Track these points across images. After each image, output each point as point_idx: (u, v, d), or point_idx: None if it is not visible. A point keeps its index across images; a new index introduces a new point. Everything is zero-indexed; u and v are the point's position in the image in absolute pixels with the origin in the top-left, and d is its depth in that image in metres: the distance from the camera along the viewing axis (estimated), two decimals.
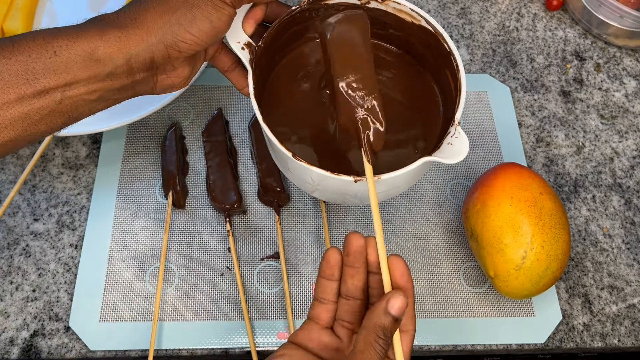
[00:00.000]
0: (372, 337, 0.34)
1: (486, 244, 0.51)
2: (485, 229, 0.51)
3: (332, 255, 0.39)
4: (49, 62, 0.35)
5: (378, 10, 0.48)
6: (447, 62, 0.47)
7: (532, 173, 0.53)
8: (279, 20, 0.46)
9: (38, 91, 0.35)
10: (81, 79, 0.37)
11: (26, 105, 0.35)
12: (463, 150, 0.41)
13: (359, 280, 0.39)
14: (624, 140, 0.67)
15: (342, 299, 0.39)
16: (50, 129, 0.38)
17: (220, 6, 0.39)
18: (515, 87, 0.70)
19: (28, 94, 0.35)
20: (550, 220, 0.50)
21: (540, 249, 0.49)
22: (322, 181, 0.42)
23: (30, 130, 0.37)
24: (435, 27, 0.47)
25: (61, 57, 0.36)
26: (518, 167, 0.53)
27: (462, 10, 0.77)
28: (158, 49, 0.38)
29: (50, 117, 0.37)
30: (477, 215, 0.52)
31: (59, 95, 0.36)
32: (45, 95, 0.36)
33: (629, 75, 0.72)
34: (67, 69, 0.36)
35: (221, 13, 0.39)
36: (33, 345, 0.52)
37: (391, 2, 0.47)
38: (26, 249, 0.56)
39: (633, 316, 0.56)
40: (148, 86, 0.41)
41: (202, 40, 0.39)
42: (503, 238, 0.50)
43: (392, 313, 0.34)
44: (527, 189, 0.51)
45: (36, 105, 0.36)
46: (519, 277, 0.50)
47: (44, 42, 0.36)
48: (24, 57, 0.35)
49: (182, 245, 0.57)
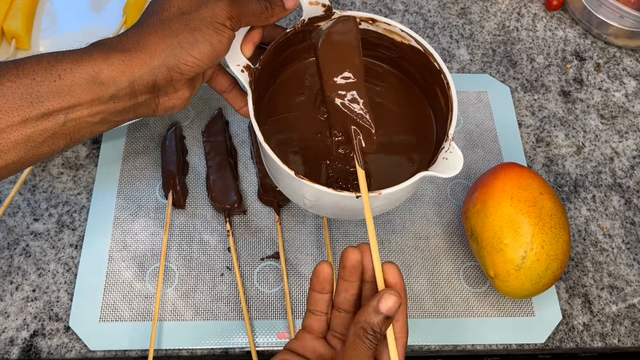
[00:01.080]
0: (361, 333, 0.35)
1: (486, 243, 0.51)
2: (485, 229, 0.51)
3: (322, 271, 0.39)
4: (54, 85, 0.36)
5: (369, 31, 0.49)
6: (437, 80, 0.48)
7: (532, 173, 0.53)
8: (275, 42, 0.47)
9: (42, 114, 0.36)
10: (84, 102, 0.37)
11: (30, 128, 0.36)
12: (458, 164, 0.42)
13: (352, 294, 0.39)
14: (624, 140, 0.67)
15: (335, 311, 0.40)
16: (52, 151, 0.38)
17: (220, 29, 0.40)
18: (515, 87, 0.70)
19: (32, 117, 0.36)
20: (550, 220, 0.50)
21: (540, 249, 0.49)
22: (321, 197, 0.43)
23: (32, 153, 0.37)
24: (424, 46, 0.48)
25: (65, 80, 0.36)
26: (518, 167, 0.53)
27: (462, 10, 0.77)
28: (161, 71, 0.39)
29: (52, 139, 0.37)
30: (477, 215, 0.52)
31: (62, 117, 0.37)
32: (48, 118, 0.36)
33: (629, 75, 0.72)
34: (71, 92, 0.37)
35: (222, 36, 0.40)
36: (33, 345, 0.52)
37: (382, 23, 0.49)
38: (26, 249, 0.56)
39: (633, 316, 0.56)
40: (150, 108, 0.42)
41: (203, 63, 0.40)
42: (503, 238, 0.50)
43: (383, 311, 0.35)
44: (527, 189, 0.51)
45: (39, 127, 0.36)
46: (519, 277, 0.50)
47: (49, 65, 0.36)
48: (29, 81, 0.36)
49: (182, 245, 0.57)
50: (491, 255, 0.51)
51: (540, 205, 0.50)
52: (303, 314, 0.54)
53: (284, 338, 0.53)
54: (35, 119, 0.36)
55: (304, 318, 0.41)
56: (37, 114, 0.36)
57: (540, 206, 0.50)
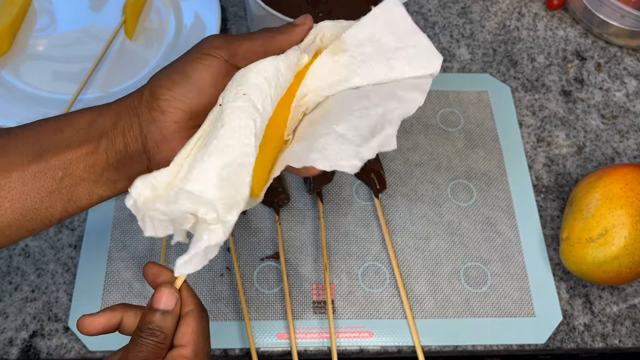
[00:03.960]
0: (137, 333, 0.35)
1: (577, 208, 0.53)
2: (585, 196, 0.53)
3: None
4: (55, 139, 0.37)
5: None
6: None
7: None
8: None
9: (41, 168, 0.36)
10: (80, 154, 0.37)
11: (27, 184, 0.36)
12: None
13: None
14: (624, 140, 0.67)
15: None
16: (49, 217, 0.37)
17: (200, 57, 0.38)
18: (516, 86, 0.70)
19: (29, 173, 0.36)
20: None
21: (621, 237, 0.50)
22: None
23: (29, 216, 0.36)
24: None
25: (65, 133, 0.37)
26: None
27: (463, 10, 0.76)
28: (142, 112, 0.38)
29: (49, 198, 0.37)
30: (586, 185, 0.54)
31: (60, 173, 0.36)
32: (46, 174, 0.36)
33: (630, 75, 0.72)
34: (69, 145, 0.37)
35: (199, 64, 0.38)
36: (32, 345, 0.52)
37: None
38: (25, 249, 0.56)
39: (634, 316, 0.56)
40: (142, 163, 0.39)
41: (179, 95, 0.37)
42: (594, 209, 0.51)
43: (160, 307, 0.35)
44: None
45: (37, 184, 0.36)
46: (585, 249, 0.51)
47: (54, 122, 0.38)
48: (35, 135, 0.37)
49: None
50: (574, 219, 0.53)
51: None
52: (303, 315, 0.54)
53: (284, 338, 0.53)
54: (33, 175, 0.36)
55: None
56: (35, 170, 0.36)
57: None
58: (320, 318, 0.54)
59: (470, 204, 0.61)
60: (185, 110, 0.37)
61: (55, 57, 0.66)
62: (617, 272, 0.50)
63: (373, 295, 0.55)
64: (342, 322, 0.54)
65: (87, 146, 0.37)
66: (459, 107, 0.67)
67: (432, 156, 0.64)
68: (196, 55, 0.38)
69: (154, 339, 0.35)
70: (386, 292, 0.55)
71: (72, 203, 0.38)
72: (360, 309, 0.54)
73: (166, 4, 0.71)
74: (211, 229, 0.33)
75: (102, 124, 0.38)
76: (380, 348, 0.53)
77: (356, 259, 0.57)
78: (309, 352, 0.53)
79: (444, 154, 0.64)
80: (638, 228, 0.50)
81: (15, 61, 0.65)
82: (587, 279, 0.53)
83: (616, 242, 0.50)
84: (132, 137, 0.38)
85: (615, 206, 0.51)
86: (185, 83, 0.37)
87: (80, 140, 0.37)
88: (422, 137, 0.65)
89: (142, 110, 0.38)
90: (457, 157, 0.64)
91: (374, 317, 0.54)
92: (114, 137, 0.38)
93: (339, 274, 0.56)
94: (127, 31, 0.67)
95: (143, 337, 0.35)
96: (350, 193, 0.61)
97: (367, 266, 0.57)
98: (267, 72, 0.36)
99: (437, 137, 0.65)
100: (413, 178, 0.62)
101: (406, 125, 0.65)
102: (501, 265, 0.57)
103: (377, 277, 0.56)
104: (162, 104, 0.37)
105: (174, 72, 0.38)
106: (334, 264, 0.56)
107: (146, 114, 0.38)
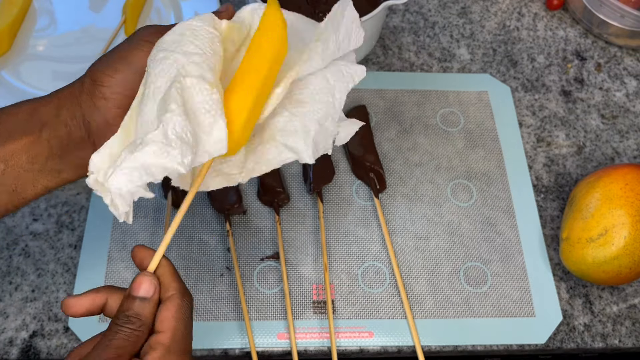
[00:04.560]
0: (114, 320, 0.35)
1: (577, 208, 0.53)
2: (585, 196, 0.53)
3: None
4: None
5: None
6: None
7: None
8: None
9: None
10: (22, 145, 0.37)
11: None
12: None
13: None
14: (624, 140, 0.67)
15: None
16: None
17: (137, 42, 0.39)
18: (516, 86, 0.70)
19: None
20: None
21: (621, 238, 0.50)
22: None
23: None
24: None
25: (6, 125, 0.37)
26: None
27: (463, 10, 0.76)
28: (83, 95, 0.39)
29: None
30: (586, 185, 0.54)
31: (2, 165, 0.37)
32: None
33: (630, 75, 0.72)
34: (10, 136, 0.37)
35: (135, 44, 0.39)
36: (32, 345, 0.52)
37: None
38: (25, 249, 0.56)
39: (634, 316, 0.56)
40: (87, 151, 0.39)
41: (126, 85, 0.39)
42: (594, 209, 0.51)
43: (139, 295, 0.35)
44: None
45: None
46: (585, 249, 0.51)
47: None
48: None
49: (182, 246, 0.57)
50: (574, 219, 0.53)
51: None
52: (303, 315, 0.54)
53: (284, 338, 0.53)
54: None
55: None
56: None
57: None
58: (320, 318, 0.54)
59: (470, 204, 0.61)
60: (127, 95, 0.39)
61: (55, 57, 0.66)
62: (617, 272, 0.50)
63: (373, 295, 0.55)
64: (342, 322, 0.54)
65: (29, 136, 0.38)
66: (459, 107, 0.67)
67: (432, 156, 0.64)
68: (135, 43, 0.39)
69: (129, 326, 0.34)
70: (386, 292, 0.55)
71: (17, 194, 0.38)
72: (360, 309, 0.54)
73: (166, 4, 0.71)
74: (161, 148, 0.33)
75: (43, 114, 0.38)
76: (380, 348, 0.53)
77: (356, 259, 0.57)
78: (309, 352, 0.53)
79: (444, 154, 0.64)
80: (638, 228, 0.50)
81: (15, 61, 0.65)
82: (587, 279, 0.53)
83: (616, 242, 0.50)
84: (76, 124, 0.39)
85: (615, 206, 0.51)
86: (126, 69, 0.39)
87: (22, 131, 0.38)
88: (422, 137, 0.65)
89: (84, 99, 0.39)
90: (457, 157, 0.64)
91: (374, 317, 0.54)
92: (56, 126, 0.38)
93: (339, 274, 0.56)
94: (127, 31, 0.67)
95: (119, 324, 0.34)
96: (350, 193, 0.61)
97: (367, 266, 0.57)
98: (180, 28, 0.38)
99: (437, 137, 0.65)
100: (413, 178, 0.62)
101: (406, 125, 0.65)
102: (501, 265, 0.57)
103: (377, 277, 0.56)
104: (105, 90, 0.39)
105: (114, 59, 0.39)
106: (334, 264, 0.56)
107: (88, 102, 0.39)
